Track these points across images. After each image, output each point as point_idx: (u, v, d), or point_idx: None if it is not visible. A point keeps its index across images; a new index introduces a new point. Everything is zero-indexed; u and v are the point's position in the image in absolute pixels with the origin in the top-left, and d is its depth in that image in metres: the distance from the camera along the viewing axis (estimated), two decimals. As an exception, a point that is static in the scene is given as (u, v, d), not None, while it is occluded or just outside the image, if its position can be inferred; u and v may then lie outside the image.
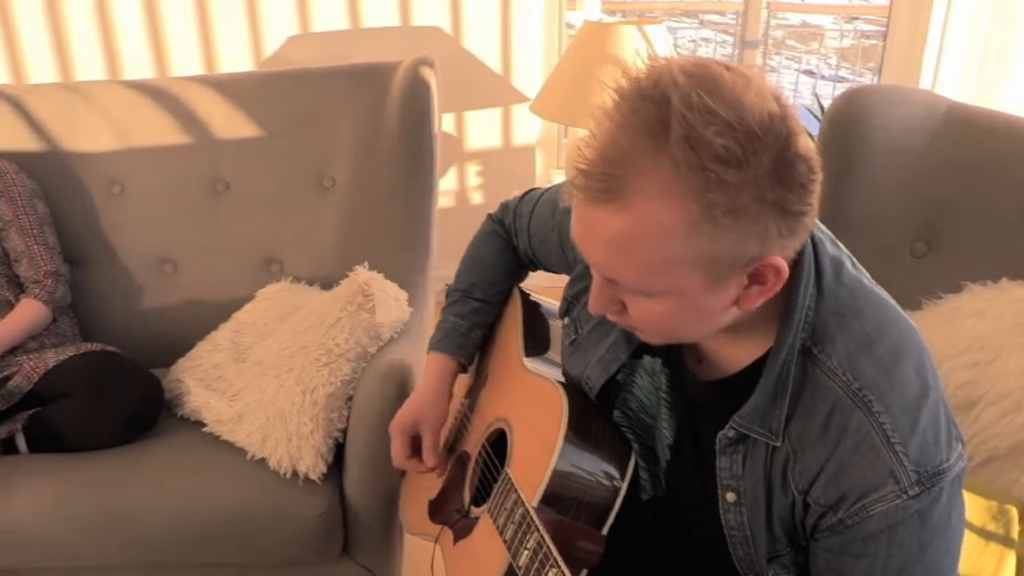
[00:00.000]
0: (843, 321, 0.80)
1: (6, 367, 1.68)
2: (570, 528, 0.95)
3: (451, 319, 1.25)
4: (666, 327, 0.81)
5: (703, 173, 0.66)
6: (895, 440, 0.75)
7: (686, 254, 0.70)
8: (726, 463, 0.86)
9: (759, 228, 0.69)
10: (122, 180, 1.97)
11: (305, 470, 1.49)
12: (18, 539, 1.49)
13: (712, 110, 0.65)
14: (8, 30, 2.60)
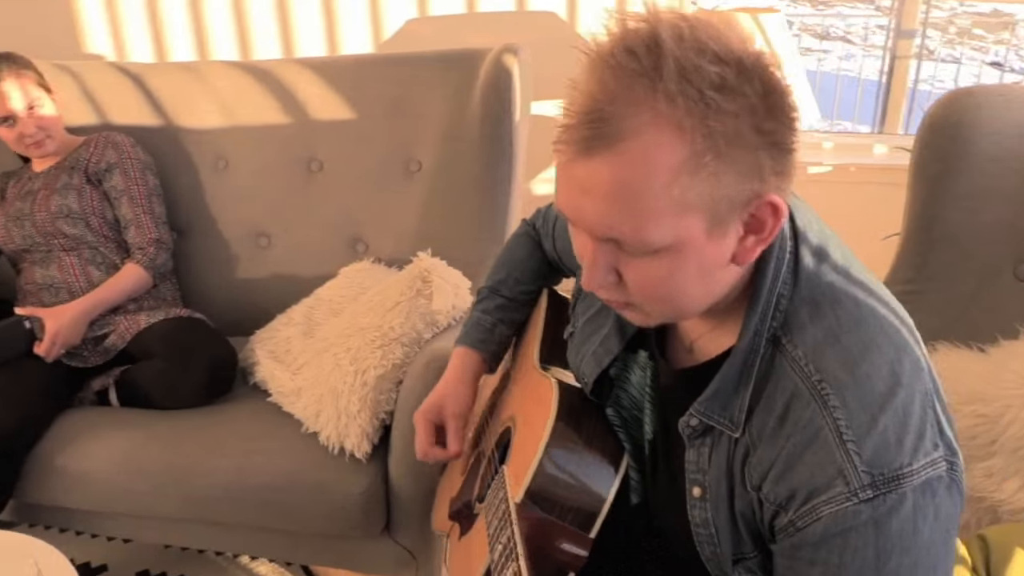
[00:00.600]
0: (817, 310, 0.76)
1: (105, 325, 1.84)
2: (553, 527, 0.93)
3: (476, 314, 1.26)
4: (667, 292, 0.75)
5: (702, 101, 0.65)
6: (848, 437, 0.71)
7: (691, 191, 0.67)
8: (693, 456, 0.84)
9: (757, 162, 0.68)
10: (227, 156, 2.09)
11: (351, 448, 1.54)
12: (94, 484, 1.63)
13: (702, 41, 0.65)
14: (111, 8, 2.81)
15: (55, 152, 1.98)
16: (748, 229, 0.72)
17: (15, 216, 1.91)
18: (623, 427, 0.99)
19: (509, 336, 1.27)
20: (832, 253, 0.80)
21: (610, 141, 0.66)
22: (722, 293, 0.78)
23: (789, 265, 0.78)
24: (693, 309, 0.79)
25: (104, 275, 1.90)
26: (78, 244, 1.91)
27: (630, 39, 0.66)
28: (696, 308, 0.79)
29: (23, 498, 1.70)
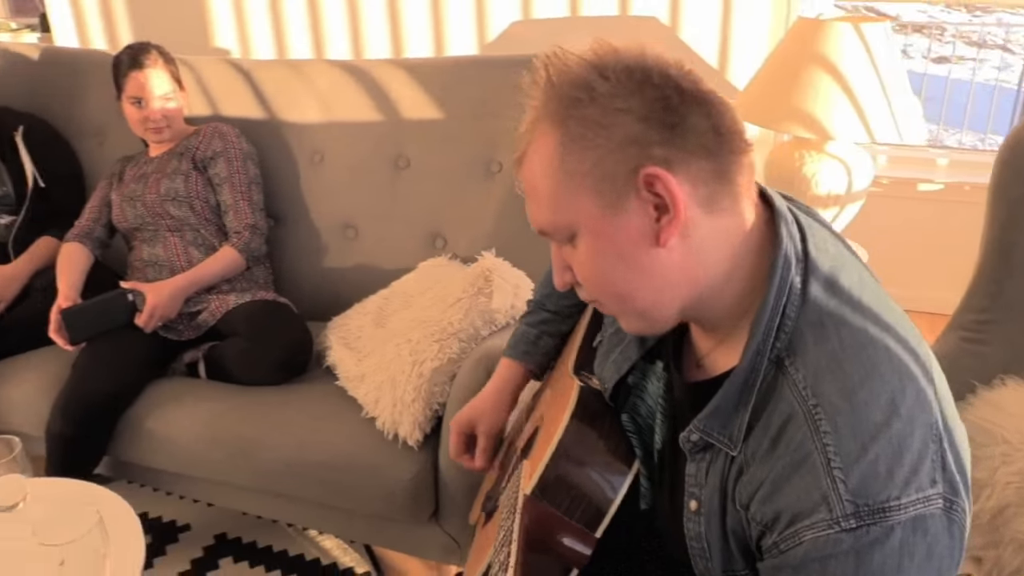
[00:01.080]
0: (822, 332, 0.77)
1: (199, 303, 2.00)
2: (559, 522, 0.98)
3: (523, 327, 1.32)
4: (602, 278, 0.82)
5: (557, 98, 0.78)
6: (835, 464, 0.71)
7: (564, 175, 0.78)
8: (693, 470, 0.86)
9: (620, 136, 0.75)
10: (323, 150, 2.22)
11: (404, 435, 1.63)
12: (176, 448, 1.79)
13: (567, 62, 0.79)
14: (240, 10, 3.00)
15: (170, 140, 2.16)
16: (658, 210, 0.77)
17: (129, 197, 2.10)
18: (637, 434, 1.02)
19: (554, 346, 1.32)
20: (844, 277, 0.80)
21: (524, 155, 0.83)
22: (682, 291, 0.81)
23: (796, 287, 0.78)
24: (649, 305, 0.83)
25: (203, 256, 2.07)
26: (182, 226, 2.08)
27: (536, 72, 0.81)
28: (652, 304, 0.82)
29: (117, 455, 1.88)
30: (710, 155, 0.77)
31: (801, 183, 2.28)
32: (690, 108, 0.76)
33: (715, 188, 0.77)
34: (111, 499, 1.44)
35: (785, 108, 2.17)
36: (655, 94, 0.76)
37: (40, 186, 2.31)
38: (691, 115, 0.76)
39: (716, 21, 2.60)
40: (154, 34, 2.36)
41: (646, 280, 0.80)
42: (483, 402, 1.29)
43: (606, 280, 0.82)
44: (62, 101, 2.49)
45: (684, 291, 0.81)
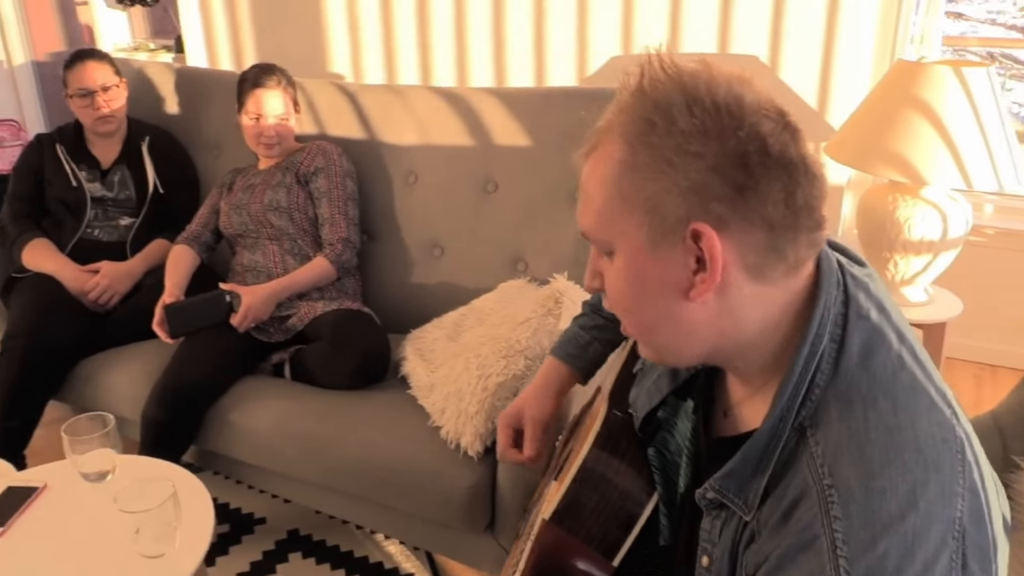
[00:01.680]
0: (848, 408, 0.73)
1: (290, 308, 2.14)
2: (575, 548, 1.02)
3: (574, 329, 1.34)
4: (625, 301, 0.81)
5: (638, 116, 0.75)
6: (841, 553, 0.68)
7: (618, 193, 0.76)
8: (707, 525, 0.86)
9: (684, 181, 0.73)
10: (417, 171, 2.34)
11: (465, 445, 1.70)
12: (255, 441, 1.91)
13: (667, 72, 0.75)
14: (356, 39, 3.18)
15: (279, 155, 2.33)
16: (699, 266, 0.74)
17: (236, 205, 2.27)
18: (662, 470, 1.03)
19: (603, 353, 1.33)
20: (885, 348, 0.76)
21: (594, 150, 0.81)
22: (704, 340, 0.79)
23: (831, 354, 0.76)
24: (666, 343, 0.82)
25: (298, 264, 2.21)
26: (281, 235, 2.23)
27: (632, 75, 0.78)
28: (669, 343, 0.81)
29: (204, 445, 2.02)
30: (771, 228, 0.73)
31: (893, 227, 2.25)
32: (767, 173, 0.72)
33: (767, 260, 0.75)
34: (188, 479, 1.57)
35: (879, 150, 2.15)
36: (736, 148, 0.72)
37: (159, 192, 2.52)
38: (766, 181, 0.72)
39: (817, 61, 2.60)
40: (276, 57, 2.55)
41: (670, 324, 0.79)
42: (527, 395, 1.30)
43: (631, 306, 0.81)
44: (186, 115, 2.71)
45: (708, 342, 0.80)
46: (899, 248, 2.27)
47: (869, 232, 2.33)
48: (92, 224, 2.47)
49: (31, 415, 2.18)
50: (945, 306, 2.34)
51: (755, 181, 0.72)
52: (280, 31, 3.40)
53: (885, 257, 2.31)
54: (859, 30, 2.52)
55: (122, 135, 2.55)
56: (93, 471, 1.54)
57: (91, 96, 2.41)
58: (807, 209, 0.74)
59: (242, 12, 3.45)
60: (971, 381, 2.83)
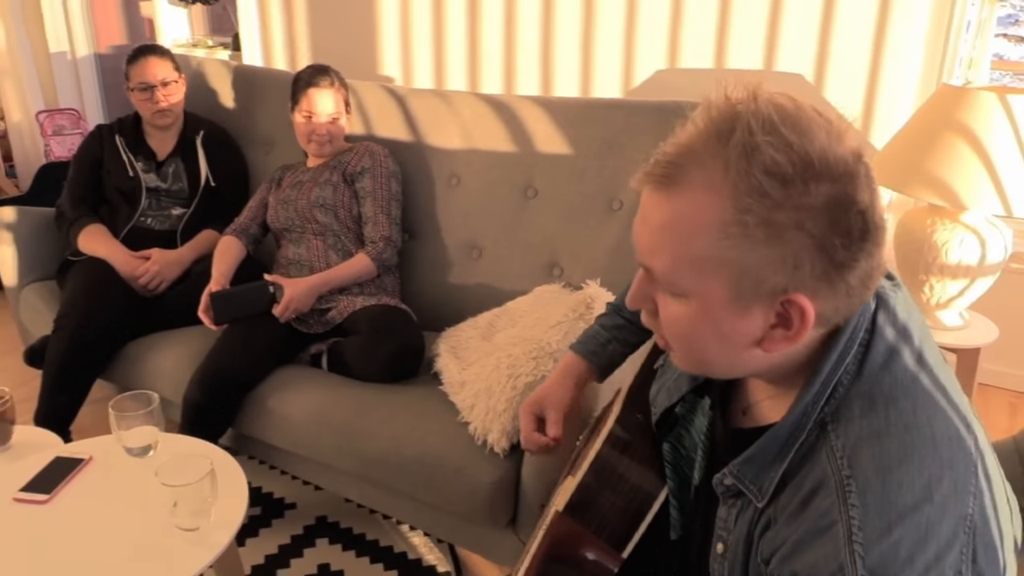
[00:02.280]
0: (871, 407, 0.77)
1: (330, 301, 2.22)
2: (586, 539, 1.06)
3: (596, 328, 1.38)
4: (688, 339, 0.81)
5: (747, 178, 0.71)
6: (856, 539, 0.71)
7: (713, 254, 0.74)
8: (723, 514, 0.90)
9: (790, 256, 0.72)
10: (459, 174, 2.41)
11: (492, 442, 1.75)
12: (291, 427, 1.99)
13: (776, 129, 0.71)
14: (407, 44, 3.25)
15: (329, 154, 2.41)
16: (779, 320, 0.76)
17: (284, 200, 2.36)
18: (676, 465, 1.07)
19: (622, 353, 1.37)
20: (905, 356, 0.80)
21: (670, 183, 0.76)
22: (755, 370, 0.83)
23: (856, 356, 0.79)
24: (717, 371, 0.84)
25: (340, 260, 2.29)
26: (325, 231, 2.31)
27: (723, 110, 0.75)
28: (721, 371, 0.84)
29: (241, 429, 2.10)
30: (849, 297, 0.76)
31: (930, 251, 2.26)
32: (864, 250, 0.73)
33: (836, 315, 0.78)
34: (225, 458, 1.64)
35: (919, 173, 2.17)
36: (844, 225, 0.72)
37: (210, 185, 2.62)
38: (862, 259, 0.74)
39: (862, 81, 2.62)
40: (329, 58, 2.64)
41: (729, 361, 0.82)
42: (548, 385, 1.33)
43: (693, 344, 0.82)
44: (240, 112, 2.82)
45: (757, 371, 0.84)
46: (935, 271, 2.28)
47: (906, 254, 2.34)
48: (146, 213, 2.57)
49: (78, 392, 2.28)
50: (980, 332, 2.34)
51: (854, 260, 0.73)
52: (334, 33, 3.50)
53: (921, 280, 2.32)
54: (906, 52, 2.53)
55: (178, 128, 2.65)
56: (136, 446, 1.62)
57: (151, 90, 2.52)
58: (880, 267, 0.77)
59: (298, 13, 3.56)
60: (1005, 409, 2.81)
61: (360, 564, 2.07)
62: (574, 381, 1.34)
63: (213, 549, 1.41)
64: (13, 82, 4.79)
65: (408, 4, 3.29)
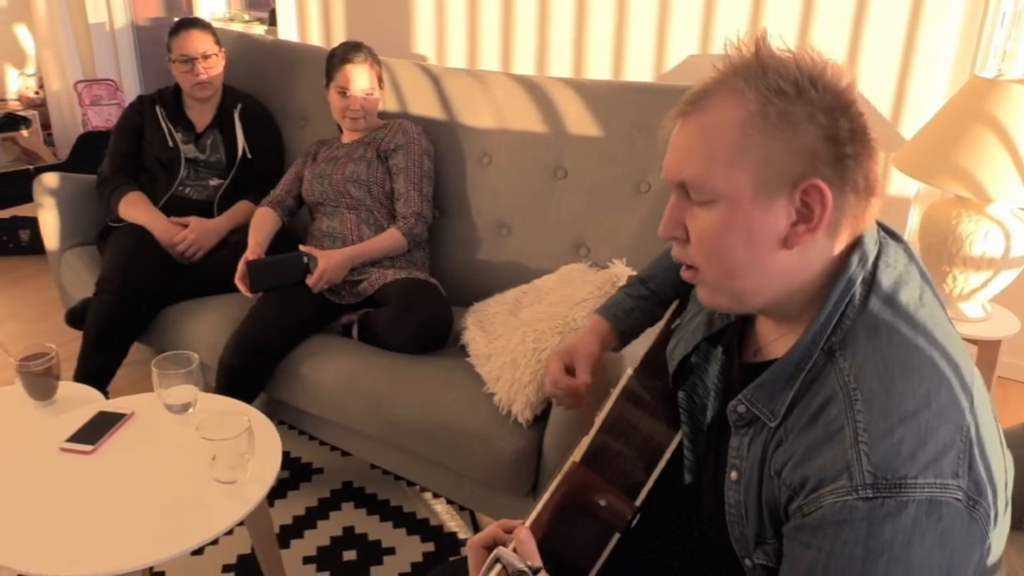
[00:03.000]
0: (875, 333, 0.85)
1: (362, 273, 2.29)
2: (601, 488, 1.13)
3: (620, 294, 1.45)
4: (717, 250, 0.88)
5: (766, 82, 0.84)
6: (862, 439, 0.78)
7: (740, 144, 0.84)
8: (736, 443, 0.97)
9: (806, 145, 0.83)
10: (491, 153, 2.47)
11: (516, 412, 1.82)
12: (322, 393, 2.07)
13: (783, 61, 0.85)
14: (442, 23, 3.31)
15: (363, 129, 2.48)
16: (799, 216, 0.85)
17: (319, 175, 2.43)
18: (690, 411, 1.14)
19: (642, 323, 1.44)
20: (905, 294, 0.88)
21: (698, 106, 0.88)
22: (777, 286, 0.89)
23: (863, 290, 0.87)
24: (744, 287, 0.90)
25: (372, 234, 2.36)
26: (358, 205, 2.38)
27: (738, 54, 0.88)
28: (748, 287, 0.90)
29: (272, 394, 2.19)
30: (856, 194, 0.86)
31: (955, 242, 2.29)
32: (863, 149, 0.85)
33: (843, 218, 0.86)
34: (260, 418, 1.72)
35: (945, 164, 2.20)
36: (847, 125, 0.84)
37: (247, 157, 2.70)
38: (862, 156, 0.85)
39: (893, 72, 2.64)
40: (364, 35, 2.71)
41: (757, 269, 0.88)
42: (576, 337, 1.40)
43: (722, 254, 0.89)
44: (277, 86, 2.89)
45: (778, 289, 0.90)
46: (959, 263, 2.32)
47: (930, 245, 2.38)
48: (184, 183, 2.66)
49: (116, 353, 2.38)
50: (1002, 324, 2.37)
51: (856, 153, 0.84)
52: (369, 11, 3.56)
53: (944, 271, 2.36)
54: (939, 44, 2.56)
55: (217, 101, 2.73)
56: (176, 403, 1.71)
57: (192, 63, 2.60)
58: (876, 180, 0.87)
59: (335, -10, 3.62)
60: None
61: (383, 528, 2.15)
62: (599, 339, 1.41)
63: (248, 502, 1.50)
64: (53, 52, 4.90)
65: (444, -16, 3.35)
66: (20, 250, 3.87)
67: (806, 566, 0.81)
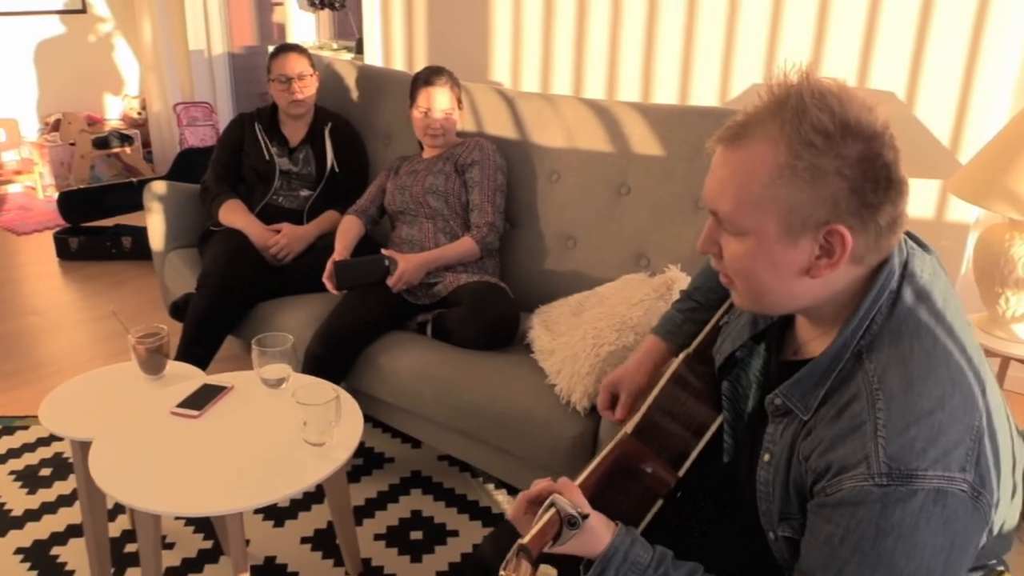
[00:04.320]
0: (899, 339, 0.96)
1: (437, 276, 2.53)
2: (648, 456, 1.31)
3: (672, 311, 1.62)
4: (747, 272, 1.00)
5: (798, 132, 0.92)
6: (881, 434, 0.91)
7: (769, 193, 0.94)
8: (771, 430, 1.09)
9: (830, 196, 0.92)
10: (560, 170, 2.69)
11: (575, 401, 2.01)
12: (397, 381, 2.30)
13: (823, 98, 0.92)
14: (518, 51, 3.55)
15: (442, 146, 2.73)
16: (822, 251, 0.96)
17: (400, 186, 2.68)
18: (733, 399, 1.30)
19: (695, 331, 1.60)
20: (932, 299, 0.99)
21: (737, 141, 0.97)
22: (804, 302, 1.01)
23: (889, 300, 0.98)
24: (772, 301, 1.02)
25: (447, 241, 2.60)
26: (436, 215, 2.63)
27: (781, 86, 0.96)
28: (775, 302, 1.02)
29: (352, 383, 2.42)
30: (879, 236, 0.96)
31: (1007, 264, 2.41)
32: (889, 197, 0.93)
33: (868, 252, 0.97)
34: (344, 394, 1.95)
35: (998, 188, 2.33)
36: (872, 174, 0.92)
37: (335, 171, 2.98)
38: (887, 204, 0.94)
39: (953, 100, 2.78)
40: (444, 61, 2.97)
41: (782, 290, 1.00)
42: (627, 367, 1.59)
43: (750, 276, 1.01)
44: (364, 107, 3.17)
45: (806, 303, 1.02)
46: (1011, 284, 2.43)
47: (983, 267, 2.49)
48: (278, 192, 2.95)
49: (213, 344, 2.65)
50: (1053, 345, 2.47)
51: (880, 203, 0.94)
52: (450, 39, 3.85)
53: (997, 292, 2.47)
54: (1000, 70, 2.69)
55: (309, 119, 3.03)
56: (272, 378, 1.95)
57: (289, 83, 2.89)
58: (903, 217, 0.97)
59: (417, 20, 3.92)
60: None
61: (448, 513, 2.35)
62: (652, 363, 1.58)
63: (334, 463, 1.72)
64: (156, 76, 5.33)
65: (520, 13, 3.61)
66: (123, 255, 4.25)
67: (824, 537, 0.96)
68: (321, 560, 2.16)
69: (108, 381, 2.08)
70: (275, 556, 2.18)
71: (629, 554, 1.06)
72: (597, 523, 1.08)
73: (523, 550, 0.98)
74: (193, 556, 2.17)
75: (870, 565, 0.91)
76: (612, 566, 1.06)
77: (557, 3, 3.52)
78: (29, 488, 2.45)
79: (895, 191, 0.94)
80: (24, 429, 2.76)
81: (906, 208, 0.97)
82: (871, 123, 0.93)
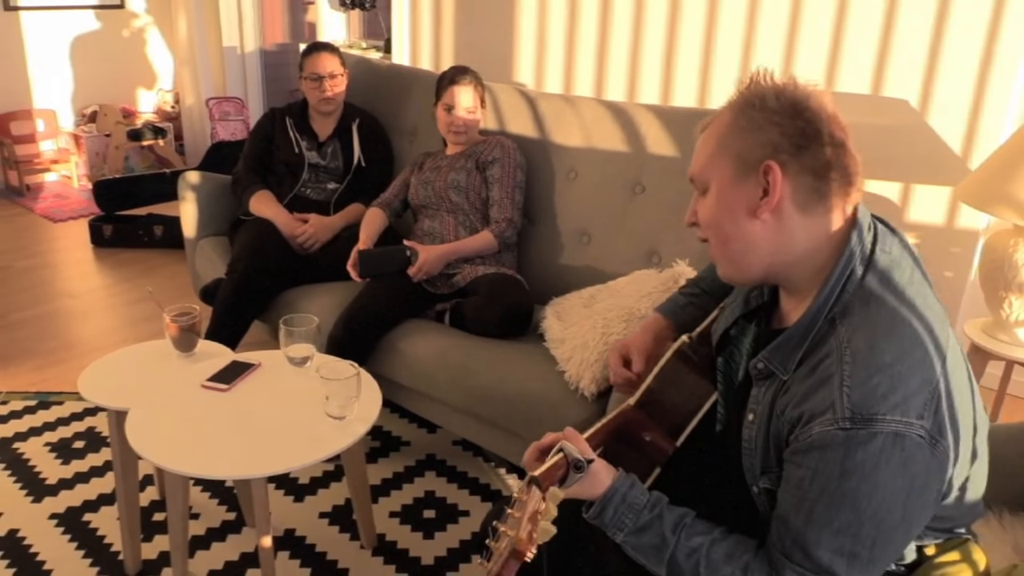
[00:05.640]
0: (867, 306, 1.08)
1: (456, 267, 2.66)
2: (648, 426, 1.43)
3: (677, 294, 1.75)
4: (714, 222, 1.16)
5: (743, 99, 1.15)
6: (846, 384, 1.03)
7: (722, 144, 1.14)
8: (755, 392, 1.22)
9: (768, 140, 1.10)
10: (577, 169, 2.81)
11: (583, 387, 2.13)
12: (415, 364, 2.44)
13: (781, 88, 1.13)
14: (542, 52, 3.68)
15: (464, 144, 2.86)
16: (764, 192, 1.11)
17: (424, 181, 2.82)
18: (726, 372, 1.42)
19: (696, 317, 1.72)
20: (897, 274, 1.11)
21: (711, 124, 1.19)
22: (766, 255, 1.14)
23: (857, 274, 1.11)
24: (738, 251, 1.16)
25: (467, 235, 2.73)
26: (457, 209, 2.76)
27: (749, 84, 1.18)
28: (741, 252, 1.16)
29: (373, 367, 2.55)
30: (816, 177, 1.10)
31: (1011, 269, 2.50)
32: (819, 143, 1.10)
33: (811, 199, 1.11)
34: (364, 373, 2.08)
35: (1003, 194, 2.42)
36: (800, 125, 1.10)
37: (362, 165, 3.12)
38: (817, 148, 1.09)
39: (966, 109, 2.87)
40: (469, 61, 3.10)
41: (742, 236, 1.15)
42: (633, 335, 1.71)
43: (715, 224, 1.17)
44: (390, 104, 3.32)
45: (766, 255, 1.15)
46: (1015, 289, 2.52)
47: (988, 272, 2.58)
48: (306, 184, 3.09)
49: (240, 327, 2.79)
50: (1054, 349, 2.55)
51: (809, 145, 1.10)
52: (476, 40, 3.98)
53: (1001, 296, 2.56)
54: (1011, 80, 2.78)
55: (338, 115, 3.17)
56: (297, 356, 2.09)
57: (320, 80, 3.04)
58: (841, 168, 1.11)
59: (445, 21, 4.06)
60: (1089, 436, 2.97)
61: (461, 494, 2.48)
62: (653, 334, 1.70)
63: (353, 435, 1.85)
64: (190, 71, 5.51)
65: (545, 16, 3.74)
66: (154, 243, 4.43)
67: (796, 481, 1.08)
68: (338, 534, 2.29)
69: (143, 357, 2.22)
70: (295, 528, 2.31)
71: (628, 496, 1.19)
72: (600, 468, 1.21)
73: (534, 480, 1.11)
74: (216, 526, 2.31)
75: (836, 504, 1.04)
76: (611, 505, 1.19)
77: (581, 6, 3.65)
78: (63, 459, 2.61)
79: (826, 142, 1.10)
80: (59, 404, 2.92)
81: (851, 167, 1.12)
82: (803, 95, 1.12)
